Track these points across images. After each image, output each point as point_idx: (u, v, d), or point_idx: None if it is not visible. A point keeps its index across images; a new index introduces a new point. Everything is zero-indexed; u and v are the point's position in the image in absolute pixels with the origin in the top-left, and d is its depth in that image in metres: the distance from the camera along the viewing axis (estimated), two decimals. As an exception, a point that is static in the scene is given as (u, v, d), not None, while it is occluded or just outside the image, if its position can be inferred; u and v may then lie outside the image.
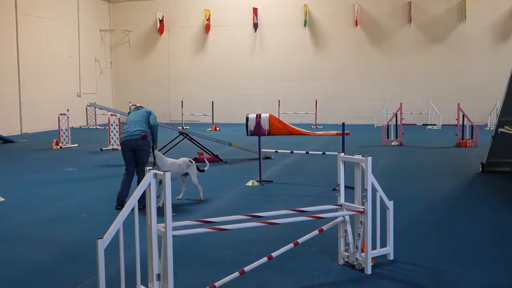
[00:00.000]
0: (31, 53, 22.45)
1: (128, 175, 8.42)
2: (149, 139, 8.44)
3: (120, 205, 8.16)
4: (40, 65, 23.00)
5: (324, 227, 5.53)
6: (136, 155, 8.37)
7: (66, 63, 24.91)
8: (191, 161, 8.88)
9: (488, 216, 7.74)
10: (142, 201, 4.33)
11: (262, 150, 10.49)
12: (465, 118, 16.05)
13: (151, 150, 8.52)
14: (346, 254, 5.54)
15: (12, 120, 21.45)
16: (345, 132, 9.77)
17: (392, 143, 16.51)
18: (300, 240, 5.30)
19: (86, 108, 24.75)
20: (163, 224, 4.31)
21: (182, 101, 24.91)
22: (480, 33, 24.30)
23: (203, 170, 9.08)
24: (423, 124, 20.38)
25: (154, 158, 8.49)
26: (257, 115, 20.35)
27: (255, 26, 26.42)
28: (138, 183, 8.06)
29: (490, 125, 21.68)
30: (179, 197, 8.80)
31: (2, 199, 8.81)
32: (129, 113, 8.85)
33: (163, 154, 9.00)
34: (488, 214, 7.88)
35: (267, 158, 13.13)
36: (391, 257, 5.67)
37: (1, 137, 18.35)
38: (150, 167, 4.40)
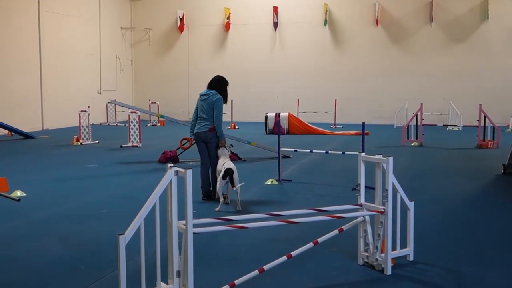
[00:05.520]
0: (53, 50, 22.67)
1: (204, 165, 8.72)
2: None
3: (205, 196, 8.57)
4: (62, 62, 23.21)
5: (344, 227, 5.51)
6: (207, 146, 8.71)
7: (87, 60, 25.11)
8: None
9: (509, 218, 7.65)
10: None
11: (281, 149, 10.48)
12: (486, 119, 15.87)
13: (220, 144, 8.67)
14: (366, 254, 5.52)
15: (33, 117, 21.67)
16: (365, 132, 9.71)
17: (412, 144, 16.38)
18: (319, 240, 5.29)
19: (107, 105, 24.91)
20: (183, 221, 4.34)
21: (201, 99, 24.95)
22: (502, 33, 23.96)
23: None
24: (444, 125, 20.20)
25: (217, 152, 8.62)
26: (276, 114, 20.32)
27: (275, 25, 26.38)
28: (210, 174, 8.60)
29: (511, 126, 21.45)
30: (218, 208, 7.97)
31: (24, 194, 8.91)
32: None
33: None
34: (509, 216, 7.80)
35: (286, 157, 13.10)
36: (411, 258, 5.64)
37: (23, 133, 18.57)
38: (171, 164, 4.43)
